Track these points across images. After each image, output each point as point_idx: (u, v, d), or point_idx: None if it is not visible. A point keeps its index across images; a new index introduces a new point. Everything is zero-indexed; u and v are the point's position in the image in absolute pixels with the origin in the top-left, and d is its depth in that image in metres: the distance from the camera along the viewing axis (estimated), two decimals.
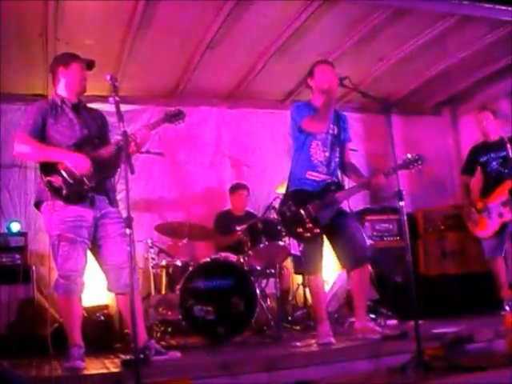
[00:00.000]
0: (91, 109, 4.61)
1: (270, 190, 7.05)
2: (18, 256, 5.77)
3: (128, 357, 4.09)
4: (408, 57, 6.59)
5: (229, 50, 6.20)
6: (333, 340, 4.59)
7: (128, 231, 3.41)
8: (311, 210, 4.67)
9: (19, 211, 6.52)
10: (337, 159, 4.94)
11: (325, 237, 4.84)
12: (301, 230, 4.67)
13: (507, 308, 4.59)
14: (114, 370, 4.01)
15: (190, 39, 5.96)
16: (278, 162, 7.14)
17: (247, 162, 7.63)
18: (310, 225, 4.65)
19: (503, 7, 5.64)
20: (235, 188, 7.07)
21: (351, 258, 4.74)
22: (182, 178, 7.25)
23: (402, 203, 3.94)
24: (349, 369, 3.97)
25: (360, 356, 4.09)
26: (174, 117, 4.38)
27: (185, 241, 6.07)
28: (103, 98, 5.11)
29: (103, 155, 4.21)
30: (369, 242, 4.93)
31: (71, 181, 4.09)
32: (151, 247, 6.07)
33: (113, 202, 4.38)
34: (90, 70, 4.45)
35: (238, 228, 6.32)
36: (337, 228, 4.77)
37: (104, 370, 4.04)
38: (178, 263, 5.86)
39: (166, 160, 6.94)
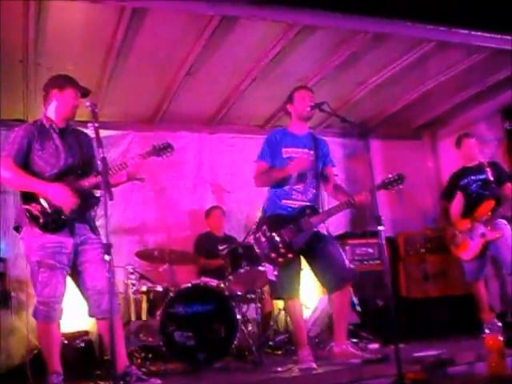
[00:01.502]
0: (78, 132, 4.52)
1: (250, 214, 7.07)
2: None
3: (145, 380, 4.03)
4: (387, 81, 6.67)
5: (208, 76, 6.22)
6: (314, 365, 4.57)
7: (107, 257, 3.40)
8: (284, 235, 4.68)
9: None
10: (314, 185, 4.94)
11: (305, 261, 4.86)
12: (274, 254, 4.68)
13: (487, 330, 4.60)
14: None
15: (169, 65, 5.98)
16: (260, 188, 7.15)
17: (228, 187, 7.63)
18: (283, 250, 4.66)
19: (478, 33, 5.72)
20: (210, 210, 7.13)
21: (331, 281, 4.75)
22: (163, 203, 7.21)
23: (380, 228, 3.96)
24: None
25: (341, 381, 4.09)
26: (162, 150, 4.36)
27: (165, 266, 6.06)
28: (83, 124, 5.12)
29: (84, 186, 4.18)
30: (349, 264, 4.91)
31: (49, 210, 4.07)
32: (131, 273, 6.02)
33: (93, 229, 4.35)
34: (84, 97, 4.39)
35: (221, 248, 6.32)
36: (315, 251, 4.78)
37: None
38: (159, 289, 5.83)
39: (146, 185, 6.91)
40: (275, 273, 4.77)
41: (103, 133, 3.99)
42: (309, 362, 4.60)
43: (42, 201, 4.07)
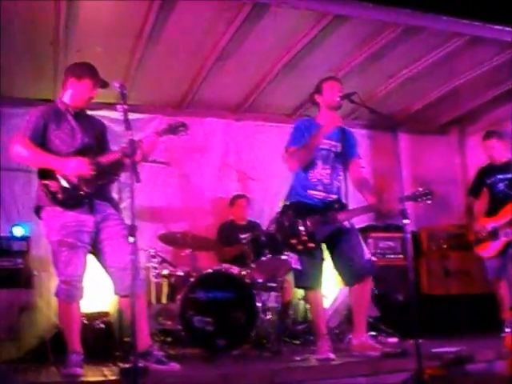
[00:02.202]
0: (92, 117, 4.58)
1: (274, 203, 7.00)
2: (19, 260, 5.72)
3: (127, 365, 4.05)
4: (417, 75, 6.61)
5: (237, 63, 6.22)
6: (332, 356, 4.56)
7: (132, 239, 3.42)
8: (309, 224, 4.66)
9: (23, 215, 6.48)
10: (340, 177, 4.94)
11: (326, 252, 4.86)
12: (295, 241, 4.66)
13: (508, 330, 4.57)
14: (111, 378, 3.99)
15: (200, 51, 5.99)
16: (284, 176, 7.12)
17: (253, 174, 7.62)
18: (305, 238, 4.64)
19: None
20: (234, 199, 7.12)
21: (351, 273, 4.76)
22: (187, 189, 7.25)
23: (406, 221, 3.95)
24: None
25: (359, 373, 4.09)
26: (177, 128, 4.33)
27: (188, 251, 6.06)
28: (110, 106, 5.15)
29: (102, 162, 4.20)
30: (371, 258, 4.90)
31: (67, 185, 4.10)
32: (153, 256, 6.03)
33: (115, 207, 4.39)
34: (102, 88, 4.41)
35: (243, 236, 6.34)
36: (337, 243, 4.78)
37: (102, 378, 4.02)
38: (180, 273, 5.84)
39: (171, 170, 6.96)
40: (299, 262, 4.77)
41: (130, 116, 3.96)
42: (327, 352, 4.59)
43: (60, 177, 4.10)
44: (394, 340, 5.92)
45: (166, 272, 5.93)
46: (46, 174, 4.13)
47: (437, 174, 7.76)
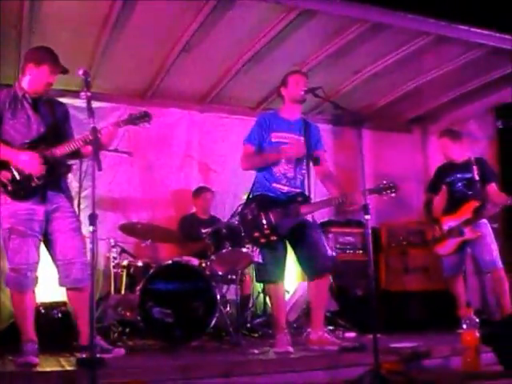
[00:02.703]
0: (53, 102, 4.48)
1: (236, 196, 7.05)
2: None
3: (83, 355, 4.02)
4: (382, 72, 6.65)
5: (204, 54, 6.18)
6: (291, 349, 4.59)
7: (92, 228, 3.38)
8: (271, 217, 4.68)
9: None
10: (303, 171, 4.96)
11: (289, 246, 4.87)
12: (257, 234, 4.68)
13: (464, 326, 4.63)
14: (68, 368, 3.96)
15: (165, 40, 5.94)
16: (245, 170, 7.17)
17: (215, 166, 7.61)
18: (268, 231, 4.66)
19: (478, 30, 5.73)
20: (199, 191, 7.08)
21: (312, 268, 4.78)
22: (149, 179, 7.19)
23: (367, 217, 3.97)
24: (305, 379, 3.98)
25: (317, 366, 4.11)
26: (139, 119, 4.29)
27: (148, 242, 6.03)
28: (74, 93, 5.08)
29: (56, 154, 4.15)
30: (331, 253, 4.93)
31: (19, 177, 4.06)
32: (113, 246, 6.00)
33: (68, 197, 4.34)
34: (63, 74, 4.33)
35: (204, 231, 6.32)
36: (299, 237, 4.80)
37: (58, 368, 3.98)
38: (140, 264, 5.83)
39: (133, 160, 6.90)
40: (261, 256, 4.77)
41: (94, 104, 3.91)
42: (286, 346, 4.62)
43: (13, 168, 4.05)
44: (352, 334, 5.97)
45: (125, 262, 5.89)
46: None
47: (399, 171, 7.80)
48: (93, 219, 3.39)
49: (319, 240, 4.82)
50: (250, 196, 4.96)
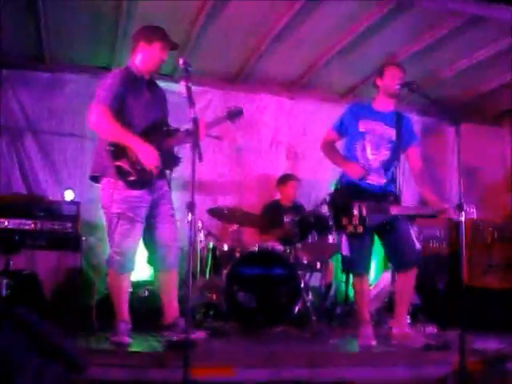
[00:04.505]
0: (159, 86, 4.57)
1: (322, 184, 7.06)
2: (69, 224, 5.77)
3: (172, 337, 4.15)
4: (476, 65, 6.52)
5: (296, 42, 6.21)
6: (374, 343, 4.63)
7: (191, 217, 3.49)
8: (363, 209, 4.66)
9: (74, 180, 6.62)
10: (394, 164, 4.93)
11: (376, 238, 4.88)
12: (346, 222, 4.67)
13: None
14: (159, 349, 4.12)
15: (258, 27, 5.97)
16: None
17: (303, 153, 7.63)
18: (356, 222, 4.65)
19: None
20: (287, 178, 7.09)
21: (399, 261, 4.81)
22: (237, 164, 7.29)
23: (462, 217, 3.95)
24: (387, 374, 4.01)
25: (399, 363, 4.13)
26: (236, 115, 4.45)
27: (235, 226, 6.13)
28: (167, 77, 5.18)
29: (173, 144, 4.29)
30: (419, 247, 4.91)
31: (139, 167, 4.15)
32: (200, 229, 6.13)
33: (168, 183, 4.48)
34: (173, 49, 4.42)
35: (287, 219, 6.38)
36: (388, 229, 4.76)
37: (148, 348, 4.16)
38: (225, 247, 5.94)
39: (222, 144, 6.99)
40: (348, 247, 4.79)
41: (181, 83, 3.96)
42: (369, 339, 4.65)
43: (131, 158, 4.14)
44: (432, 330, 5.92)
45: (211, 245, 6.02)
46: (118, 151, 4.15)
47: (487, 164, 7.67)
48: (192, 207, 3.50)
49: (408, 233, 4.80)
50: (342, 182, 4.94)
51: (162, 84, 4.75)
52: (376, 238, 4.88)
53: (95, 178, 4.35)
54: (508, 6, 5.42)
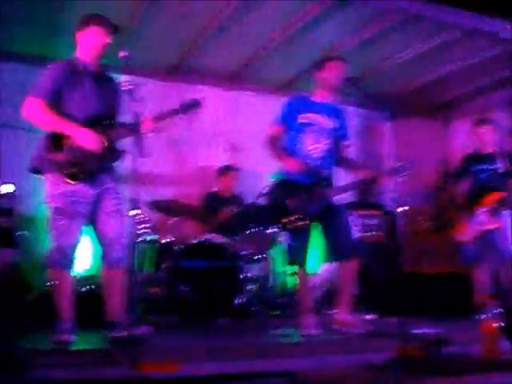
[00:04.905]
0: (109, 78, 4.45)
1: (262, 176, 7.07)
2: (5, 219, 5.66)
3: (117, 334, 4.11)
4: (413, 59, 6.66)
5: (236, 35, 6.21)
6: (316, 332, 4.70)
7: (134, 212, 3.46)
8: (298, 202, 4.75)
9: (10, 173, 6.42)
10: (331, 153, 5.02)
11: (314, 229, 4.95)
12: (285, 220, 4.76)
13: (485, 315, 4.69)
14: (104, 347, 4.02)
15: (200, 19, 5.94)
16: None
17: (242, 145, 7.62)
18: (295, 217, 4.74)
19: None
20: (226, 169, 7.10)
21: (336, 252, 4.90)
22: (176, 156, 7.23)
23: (400, 209, 4.04)
24: (330, 362, 4.06)
25: (342, 350, 4.19)
26: (191, 107, 4.39)
27: (174, 219, 6.10)
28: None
29: (112, 137, 4.18)
30: (356, 237, 5.03)
31: (74, 160, 4.06)
32: (139, 223, 6.04)
33: (114, 178, 4.37)
34: (114, 33, 4.27)
35: (229, 209, 6.41)
36: (326, 221, 4.87)
37: (94, 347, 4.10)
38: (165, 241, 5.90)
39: (161, 135, 6.90)
40: (290, 239, 4.85)
41: (123, 77, 3.99)
42: (312, 328, 4.73)
43: (69, 150, 4.05)
44: (371, 317, 6.04)
45: (150, 239, 5.94)
46: (54, 143, 4.06)
47: (420, 155, 7.82)
48: (135, 203, 3.48)
49: (344, 225, 4.91)
50: (277, 180, 5.02)
51: None
52: (317, 229, 4.97)
53: (38, 171, 4.22)
54: (444, 5, 5.56)
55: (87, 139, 4.05)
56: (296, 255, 4.91)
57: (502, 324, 4.38)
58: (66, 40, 4.73)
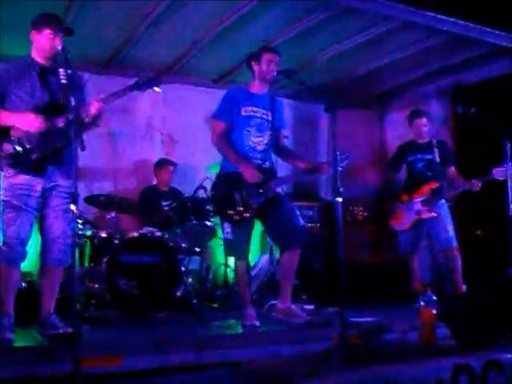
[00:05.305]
0: (67, 73, 4.22)
1: (197, 168, 7.12)
2: None
3: (55, 331, 4.08)
4: (346, 52, 6.73)
5: (171, 28, 6.14)
6: (257, 323, 4.74)
7: (73, 207, 3.42)
8: (244, 194, 4.77)
9: None
10: (269, 144, 5.06)
11: (256, 221, 4.98)
12: (231, 212, 4.78)
13: (422, 303, 4.83)
14: (43, 343, 4.03)
15: (134, 13, 5.86)
16: (209, 142, 7.18)
17: (178, 138, 7.61)
18: (241, 208, 4.76)
19: (443, 17, 5.87)
20: (162, 163, 7.08)
21: (285, 240, 4.90)
22: (111, 149, 7.12)
23: (339, 199, 4.10)
24: (273, 352, 4.10)
25: (284, 340, 4.24)
26: (147, 84, 4.30)
27: (113, 213, 6.05)
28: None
29: (57, 124, 4.12)
30: (303, 224, 5.08)
31: (19, 149, 4.03)
32: (77, 217, 5.98)
33: (67, 174, 4.20)
34: (68, 35, 4.20)
35: (165, 203, 6.39)
36: (271, 211, 4.89)
37: (34, 344, 4.06)
38: (103, 235, 5.82)
39: (96, 129, 6.82)
40: (229, 231, 4.86)
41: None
42: (253, 319, 4.77)
43: (14, 139, 4.03)
44: (310, 307, 6.12)
45: (89, 233, 5.87)
46: (2, 134, 4.06)
47: (356, 146, 7.96)
48: (74, 198, 3.43)
49: (291, 212, 4.95)
50: (221, 172, 5.01)
51: None
52: (257, 222, 5.00)
53: None
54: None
55: (25, 121, 4.04)
56: (236, 248, 4.93)
57: (438, 311, 4.50)
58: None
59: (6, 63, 4.28)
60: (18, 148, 4.04)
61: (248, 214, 4.76)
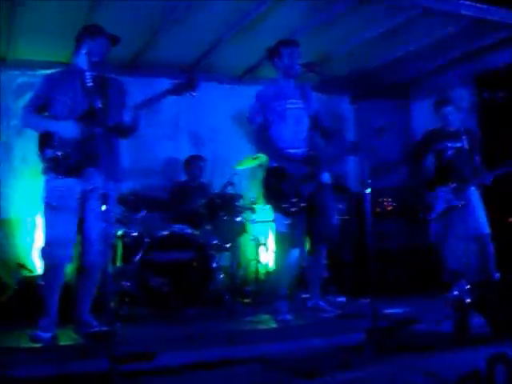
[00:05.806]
0: (110, 80, 4.46)
1: (225, 164, 7.12)
2: None
3: (91, 330, 4.14)
4: (369, 41, 6.67)
5: (192, 25, 6.14)
6: (290, 317, 4.75)
7: (104, 207, 3.47)
8: (293, 185, 4.78)
9: None
10: (310, 131, 5.08)
11: None
12: (286, 205, 4.77)
13: (455, 292, 4.80)
14: (79, 342, 4.09)
15: (154, 10, 5.85)
16: (236, 138, 7.24)
17: (205, 136, 7.66)
18: (295, 199, 4.76)
19: (466, 2, 5.81)
20: (192, 159, 7.12)
21: (320, 235, 4.94)
22: (138, 148, 7.16)
23: (367, 191, 4.09)
24: (305, 346, 4.12)
25: (316, 334, 4.25)
26: (186, 87, 4.42)
27: (142, 212, 6.09)
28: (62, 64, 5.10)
29: (97, 130, 4.10)
30: (337, 221, 5.09)
31: (60, 154, 4.13)
32: (110, 217, 6.03)
33: (107, 176, 4.15)
34: (114, 45, 4.45)
35: (194, 200, 6.42)
36: (314, 201, 4.89)
37: (70, 342, 4.11)
38: (134, 234, 5.87)
39: None
40: (286, 223, 4.84)
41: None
42: (286, 314, 4.78)
43: (55, 145, 4.15)
44: (342, 299, 6.12)
45: (119, 233, 5.93)
46: (43, 141, 4.21)
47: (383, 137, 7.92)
48: (105, 198, 3.48)
49: (330, 207, 4.98)
50: (268, 166, 5.02)
51: None
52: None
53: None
54: None
55: (65, 128, 4.15)
56: (296, 237, 4.89)
57: (472, 300, 4.47)
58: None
59: (53, 74, 4.43)
60: (59, 153, 4.14)
61: (303, 204, 4.77)
